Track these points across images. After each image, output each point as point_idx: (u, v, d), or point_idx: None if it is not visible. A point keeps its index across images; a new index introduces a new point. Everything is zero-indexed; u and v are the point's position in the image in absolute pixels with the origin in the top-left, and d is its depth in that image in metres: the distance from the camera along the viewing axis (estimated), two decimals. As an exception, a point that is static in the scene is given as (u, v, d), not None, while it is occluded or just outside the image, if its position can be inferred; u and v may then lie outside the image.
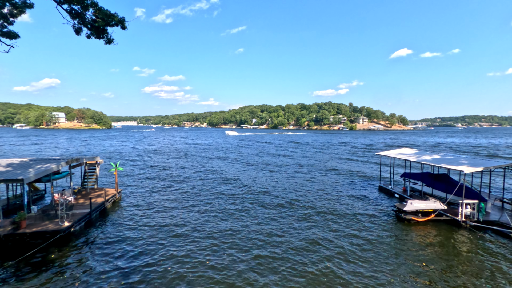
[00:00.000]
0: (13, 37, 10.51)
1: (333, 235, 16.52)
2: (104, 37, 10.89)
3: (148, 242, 15.30)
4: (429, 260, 13.65)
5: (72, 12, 10.25)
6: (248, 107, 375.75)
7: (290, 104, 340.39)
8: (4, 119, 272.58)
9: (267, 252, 14.31)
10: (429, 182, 22.96)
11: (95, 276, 12.06)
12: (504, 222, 16.90)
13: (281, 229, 17.39)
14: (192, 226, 17.66)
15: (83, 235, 16.27)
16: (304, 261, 13.43)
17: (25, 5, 10.07)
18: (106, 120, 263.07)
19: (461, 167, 18.45)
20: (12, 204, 19.68)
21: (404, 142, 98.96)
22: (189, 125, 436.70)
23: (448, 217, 18.31)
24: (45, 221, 15.89)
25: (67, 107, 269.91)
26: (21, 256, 13.34)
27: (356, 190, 27.62)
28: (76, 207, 18.83)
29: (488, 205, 18.91)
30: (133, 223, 18.17)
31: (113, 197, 22.15)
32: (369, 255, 14.01)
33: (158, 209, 21.03)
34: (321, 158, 54.51)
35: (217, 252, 14.25)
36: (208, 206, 21.96)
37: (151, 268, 12.65)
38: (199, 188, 28.19)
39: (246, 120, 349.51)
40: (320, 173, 37.51)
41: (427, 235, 16.60)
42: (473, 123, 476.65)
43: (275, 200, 23.92)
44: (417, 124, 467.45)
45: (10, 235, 14.37)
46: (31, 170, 17.15)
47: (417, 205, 18.49)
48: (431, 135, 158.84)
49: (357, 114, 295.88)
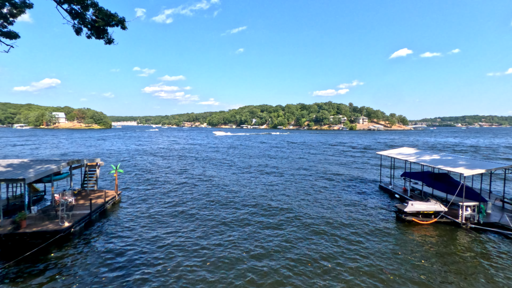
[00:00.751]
0: (13, 37, 10.48)
1: (332, 235, 16.49)
2: (104, 37, 10.86)
3: (148, 243, 15.27)
4: (429, 262, 13.62)
5: (72, 12, 10.22)
6: (248, 107, 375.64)
7: (290, 104, 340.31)
8: (4, 119, 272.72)
9: (264, 249, 14.29)
10: (429, 182, 22.91)
11: (95, 276, 12.03)
12: (505, 224, 16.86)
13: (281, 232, 17.36)
14: (191, 227, 17.62)
15: (83, 235, 16.25)
16: (302, 260, 13.41)
17: (25, 5, 10.03)
18: (106, 120, 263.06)
19: (461, 170, 18.35)
20: (11, 204, 19.64)
21: (403, 142, 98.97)
22: (189, 125, 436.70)
23: (448, 219, 18.28)
24: (45, 221, 15.87)
25: (67, 107, 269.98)
26: (21, 256, 13.31)
27: (356, 190, 27.58)
28: (76, 208, 18.80)
29: (489, 206, 18.87)
30: (133, 224, 18.15)
31: (113, 198, 22.13)
32: (368, 256, 13.97)
33: (158, 211, 21.01)
34: (321, 158, 54.48)
35: (217, 252, 14.23)
36: (208, 206, 21.93)
37: (151, 269, 12.62)
38: (198, 189, 28.16)
39: (246, 120, 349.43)
40: (320, 172, 37.47)
41: (427, 236, 16.57)
42: (473, 123, 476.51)
43: (273, 202, 23.89)
44: (417, 124, 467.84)
45: (10, 235, 14.36)
46: (32, 170, 17.13)
47: (418, 207, 18.44)
48: (433, 136, 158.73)
49: (357, 114, 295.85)
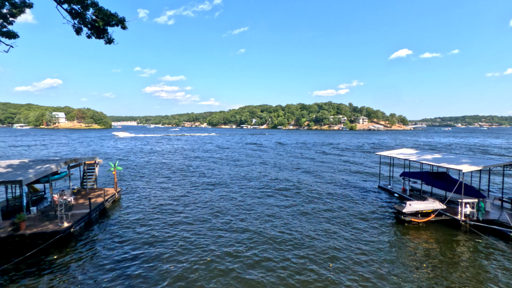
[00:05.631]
0: (13, 37, 10.46)
1: (331, 235, 16.49)
2: (104, 37, 10.85)
3: (148, 242, 15.27)
4: (428, 261, 13.63)
5: (72, 12, 10.22)
6: (248, 107, 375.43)
7: (290, 104, 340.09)
8: (4, 119, 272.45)
9: (262, 251, 14.30)
10: (428, 181, 22.94)
11: (95, 276, 12.03)
12: (504, 221, 16.93)
13: (280, 231, 17.35)
14: (192, 225, 17.63)
15: (83, 235, 16.24)
16: (300, 262, 13.41)
17: (25, 5, 10.02)
18: (106, 120, 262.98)
19: (460, 166, 18.50)
20: (11, 205, 19.61)
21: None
22: (189, 125, 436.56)
23: (447, 216, 18.30)
24: (44, 222, 15.86)
25: (67, 107, 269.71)
26: (21, 257, 13.30)
27: (355, 190, 27.58)
28: (75, 207, 18.79)
29: (488, 204, 18.95)
30: (133, 222, 18.14)
31: (112, 196, 22.12)
32: (368, 256, 13.99)
33: (158, 208, 21.00)
34: (320, 157, 54.50)
35: (217, 250, 14.23)
36: (207, 205, 21.92)
37: (151, 268, 12.62)
38: (198, 186, 28.15)
39: (246, 120, 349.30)
40: (319, 172, 37.50)
41: (427, 235, 16.58)
42: (473, 123, 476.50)
43: (274, 201, 23.90)
44: (417, 124, 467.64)
45: (9, 237, 14.33)
46: (30, 171, 17.08)
47: (416, 206, 18.43)
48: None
49: (357, 114, 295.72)
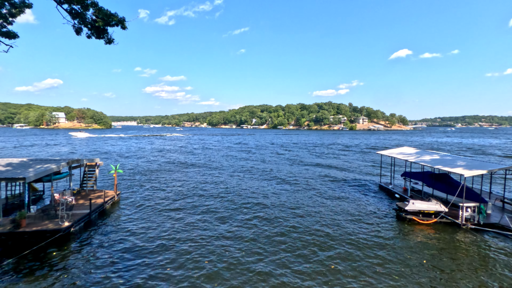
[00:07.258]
0: (13, 37, 10.49)
1: (331, 234, 16.48)
2: (105, 37, 10.88)
3: (147, 243, 15.26)
4: (428, 262, 13.60)
5: (72, 12, 10.23)
6: (248, 107, 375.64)
7: (290, 104, 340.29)
8: (4, 119, 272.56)
9: (263, 251, 14.29)
10: (429, 182, 22.88)
11: (94, 276, 12.02)
12: (505, 225, 16.86)
13: (280, 231, 17.35)
14: (191, 227, 17.62)
15: (83, 235, 16.23)
16: (301, 261, 13.40)
17: (24, 5, 10.03)
18: (106, 120, 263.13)
19: (461, 170, 18.30)
20: (10, 203, 19.65)
21: (401, 142, 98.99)
22: (189, 125, 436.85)
23: (448, 219, 18.28)
24: (44, 221, 15.87)
25: (67, 107, 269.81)
26: (20, 254, 13.31)
27: (356, 189, 27.57)
28: (76, 207, 18.80)
29: (489, 206, 18.84)
30: (132, 224, 18.14)
31: (112, 198, 22.12)
32: (368, 256, 13.96)
33: (157, 211, 21.00)
34: (320, 157, 54.50)
35: (217, 253, 14.22)
36: (207, 208, 21.92)
37: (149, 269, 12.61)
38: (196, 189, 28.15)
39: (246, 120, 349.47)
40: (319, 172, 37.50)
41: (427, 237, 16.55)
42: (473, 123, 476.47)
43: (273, 201, 23.89)
44: (417, 124, 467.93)
45: (10, 234, 14.36)
46: (32, 169, 17.13)
47: (419, 206, 18.44)
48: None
49: (357, 114, 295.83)
